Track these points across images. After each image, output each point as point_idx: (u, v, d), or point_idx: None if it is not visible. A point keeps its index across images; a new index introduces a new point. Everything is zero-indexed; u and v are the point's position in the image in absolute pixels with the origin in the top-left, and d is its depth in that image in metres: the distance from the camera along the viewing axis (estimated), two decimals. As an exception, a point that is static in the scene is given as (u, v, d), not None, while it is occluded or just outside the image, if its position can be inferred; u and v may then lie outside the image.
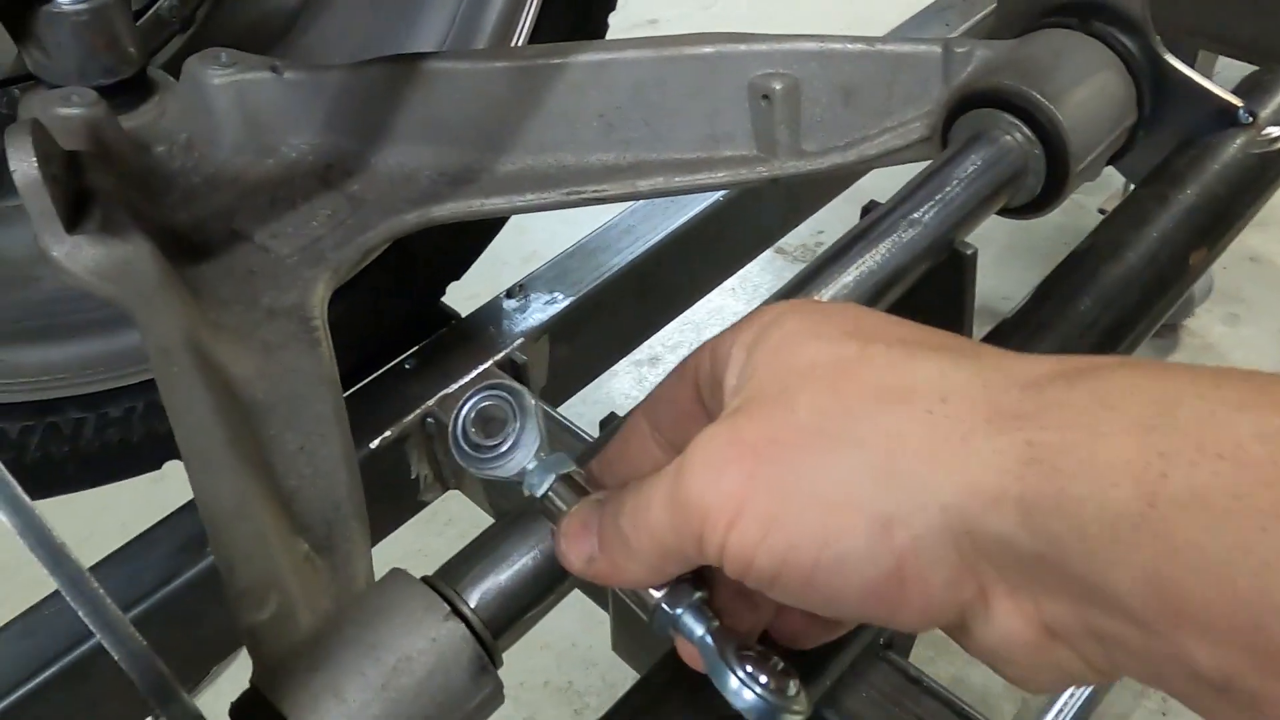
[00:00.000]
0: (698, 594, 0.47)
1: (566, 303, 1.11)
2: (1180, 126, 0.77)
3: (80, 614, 0.38)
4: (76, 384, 0.88)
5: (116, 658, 0.38)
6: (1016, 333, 0.69)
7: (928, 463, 0.37)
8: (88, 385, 0.89)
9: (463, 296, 1.13)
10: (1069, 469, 0.34)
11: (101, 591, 0.38)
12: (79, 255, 0.71)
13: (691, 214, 1.19)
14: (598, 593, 0.87)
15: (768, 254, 2.21)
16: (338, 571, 0.60)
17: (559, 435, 0.96)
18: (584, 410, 1.63)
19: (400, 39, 1.02)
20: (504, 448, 0.50)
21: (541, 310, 1.10)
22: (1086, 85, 0.74)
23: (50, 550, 0.37)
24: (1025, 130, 0.73)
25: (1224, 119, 0.77)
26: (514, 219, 0.96)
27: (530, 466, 0.49)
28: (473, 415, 0.50)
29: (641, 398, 0.53)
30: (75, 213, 0.72)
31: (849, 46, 0.79)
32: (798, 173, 0.82)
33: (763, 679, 0.45)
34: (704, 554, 0.42)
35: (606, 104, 0.83)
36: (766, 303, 0.54)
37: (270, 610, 0.54)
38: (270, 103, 0.88)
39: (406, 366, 1.05)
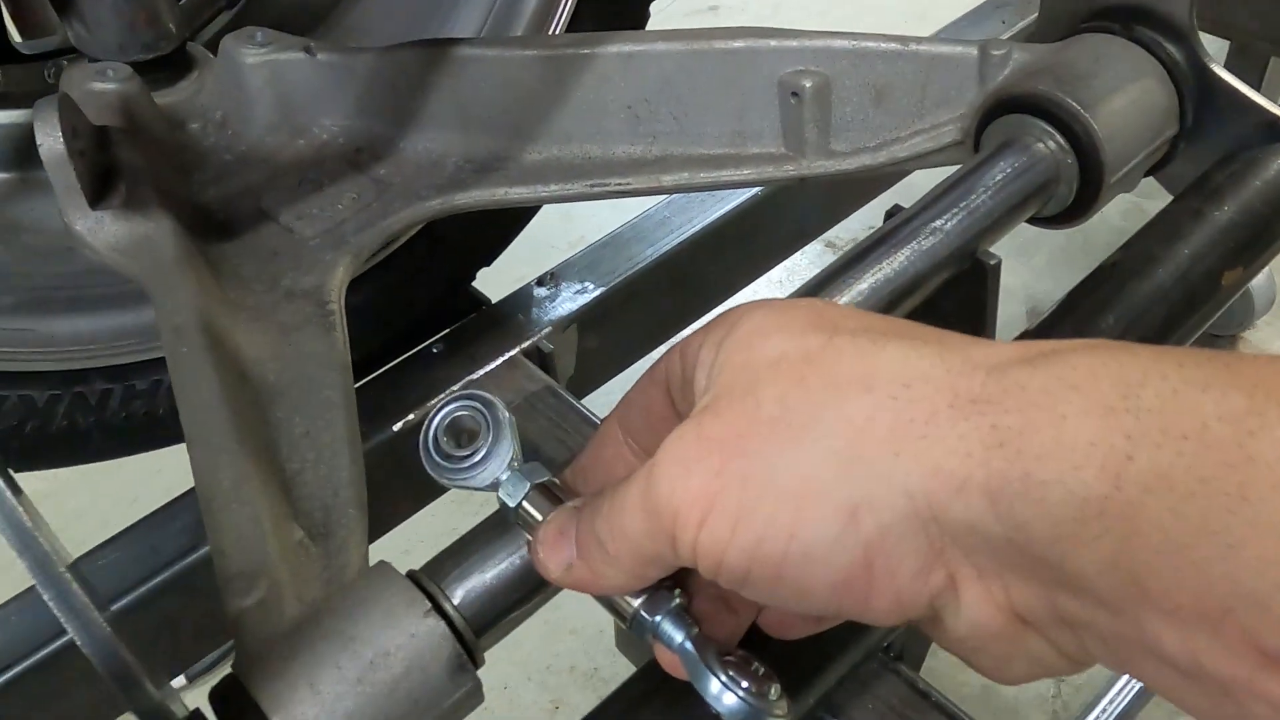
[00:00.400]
0: (676, 601, 0.47)
1: (597, 293, 1.10)
2: (1224, 139, 0.74)
3: (45, 599, 0.38)
4: (105, 355, 0.90)
5: (79, 643, 0.39)
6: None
7: (892, 449, 0.37)
8: (116, 357, 0.90)
9: (510, 280, 1.12)
10: (1034, 452, 0.34)
11: (68, 576, 0.39)
12: (101, 230, 0.72)
13: (729, 207, 1.18)
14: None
15: (816, 247, 2.19)
16: (331, 559, 0.60)
17: (579, 426, 0.95)
18: (611, 402, 1.62)
19: (439, 25, 1.02)
20: (476, 459, 0.49)
21: (571, 299, 1.10)
22: (1125, 93, 0.71)
23: (17, 531, 0.38)
24: (1058, 138, 0.71)
25: (1271, 133, 0.73)
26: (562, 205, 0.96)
27: (504, 477, 0.49)
28: (444, 425, 0.50)
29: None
30: (100, 187, 0.73)
31: (882, 45, 0.77)
32: (825, 173, 0.80)
33: (744, 683, 0.44)
34: (679, 555, 0.41)
35: (634, 96, 0.82)
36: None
37: (257, 596, 0.54)
38: (303, 83, 0.88)
39: (434, 350, 1.05)
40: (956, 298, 0.69)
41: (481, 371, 1.02)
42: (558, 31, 0.98)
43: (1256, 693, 0.32)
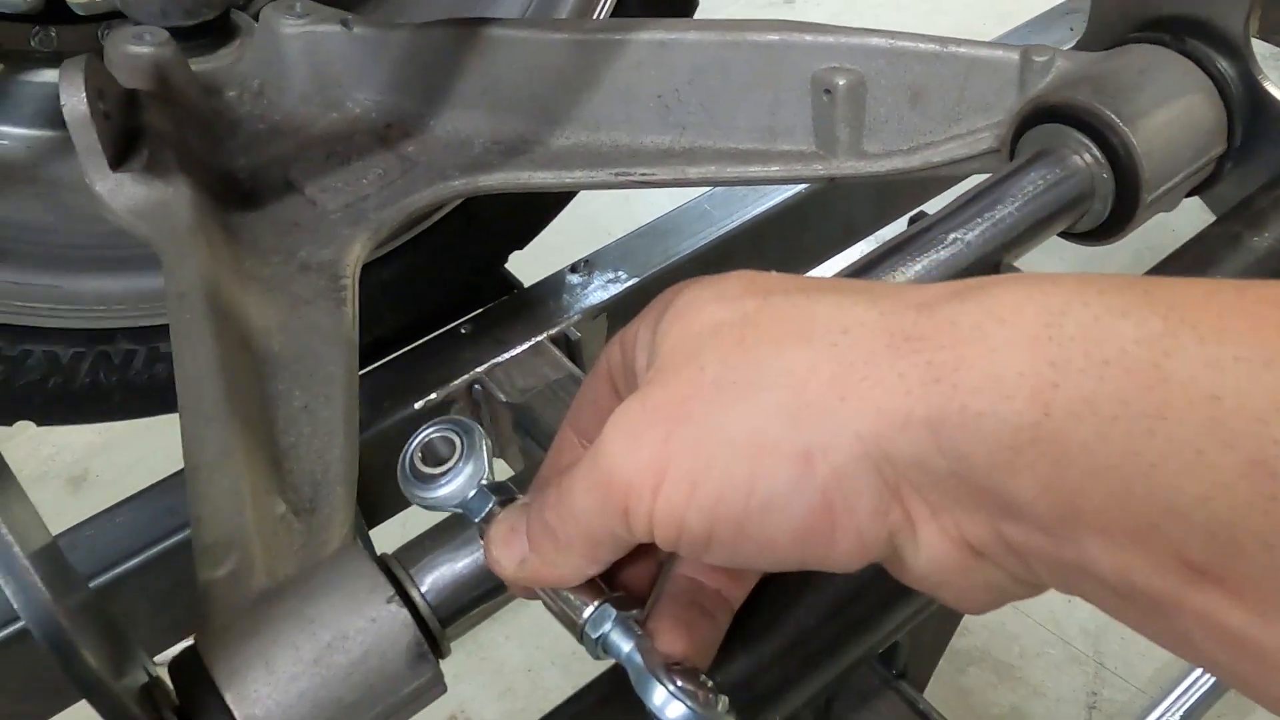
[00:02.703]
0: (624, 611, 0.46)
1: (630, 283, 1.09)
2: (1274, 161, 0.70)
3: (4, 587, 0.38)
4: (131, 316, 0.91)
5: (15, 606, 0.38)
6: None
7: (837, 394, 0.37)
8: (142, 319, 0.91)
9: (563, 261, 1.12)
10: (968, 385, 0.35)
11: (9, 538, 0.38)
12: (120, 193, 0.72)
13: (771, 203, 1.15)
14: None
15: (865, 247, 2.15)
16: (312, 535, 0.60)
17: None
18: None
19: (484, 7, 1.01)
20: (445, 479, 0.49)
21: (603, 288, 1.09)
22: (1170, 108, 0.68)
23: None
24: (1095, 151, 0.67)
25: (1327, 157, 0.70)
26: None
27: (470, 495, 0.49)
28: (421, 447, 0.51)
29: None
30: (123, 150, 0.74)
31: (920, 46, 0.74)
32: (856, 174, 0.78)
33: (692, 693, 0.43)
34: (632, 529, 0.41)
35: (665, 85, 0.80)
36: None
37: (228, 569, 0.54)
38: (338, 56, 0.88)
39: (462, 331, 1.05)
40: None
41: (507, 355, 1.02)
42: (602, 16, 0.97)
43: (1184, 605, 0.33)
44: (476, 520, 0.49)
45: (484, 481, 0.49)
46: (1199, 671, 1.65)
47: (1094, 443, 0.32)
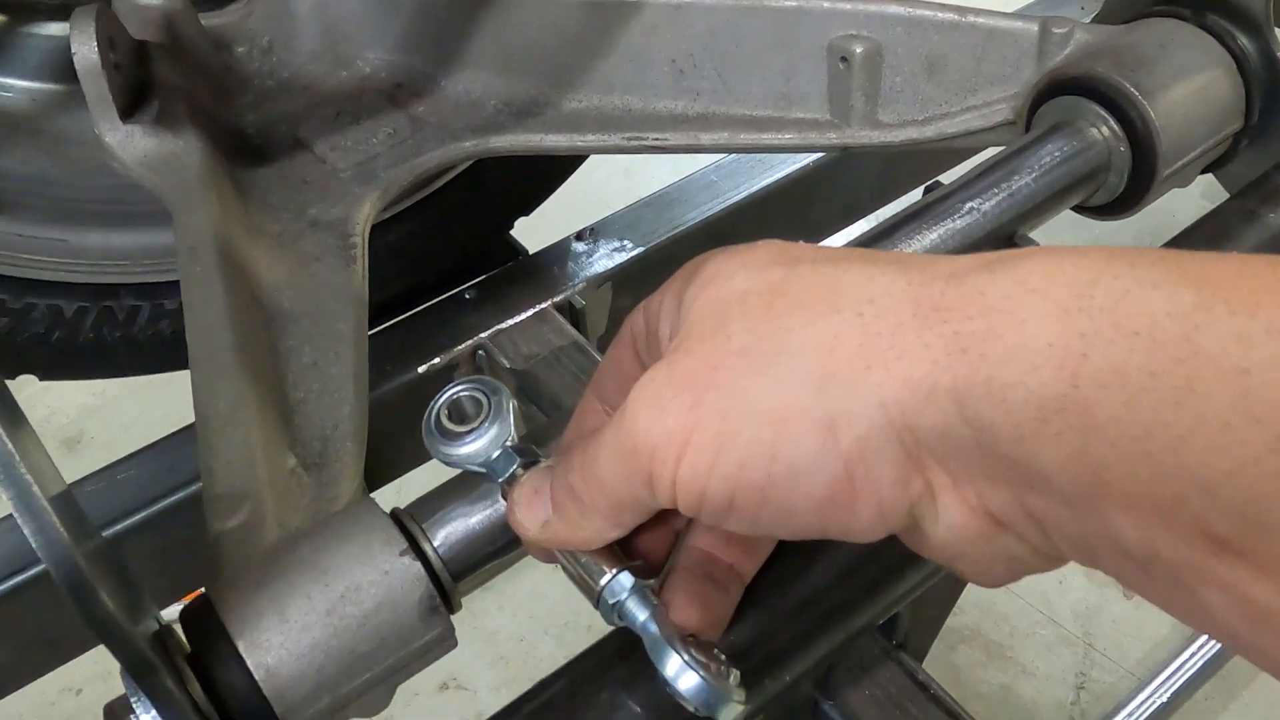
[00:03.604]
0: (642, 580, 0.46)
1: (635, 252, 1.09)
2: (1291, 139, 0.70)
3: (23, 528, 0.38)
4: (136, 272, 0.90)
5: (33, 544, 0.38)
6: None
7: (863, 364, 0.37)
8: (147, 275, 0.91)
9: (560, 235, 1.11)
10: (995, 355, 0.35)
11: (27, 477, 0.38)
12: (130, 144, 0.72)
13: (778, 175, 1.15)
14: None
15: (868, 224, 2.15)
16: (322, 490, 0.59)
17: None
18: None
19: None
20: (470, 437, 0.49)
21: (608, 257, 1.08)
22: (1188, 83, 0.68)
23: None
24: (1113, 124, 0.67)
25: (1344, 136, 0.69)
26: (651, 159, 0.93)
27: (495, 455, 0.49)
28: (448, 405, 0.50)
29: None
30: (133, 101, 0.73)
31: (939, 15, 0.74)
32: (869, 144, 0.78)
33: (706, 664, 0.43)
34: (656, 495, 0.41)
35: (680, 50, 0.80)
36: None
37: (239, 519, 0.54)
38: (350, 13, 0.87)
39: (466, 296, 1.04)
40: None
41: (511, 322, 1.01)
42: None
43: (1206, 578, 0.33)
44: (499, 480, 0.49)
45: (509, 443, 0.49)
46: (1187, 654, 1.67)
47: (1121, 414, 0.32)
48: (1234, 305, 0.32)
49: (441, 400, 0.51)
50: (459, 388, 0.52)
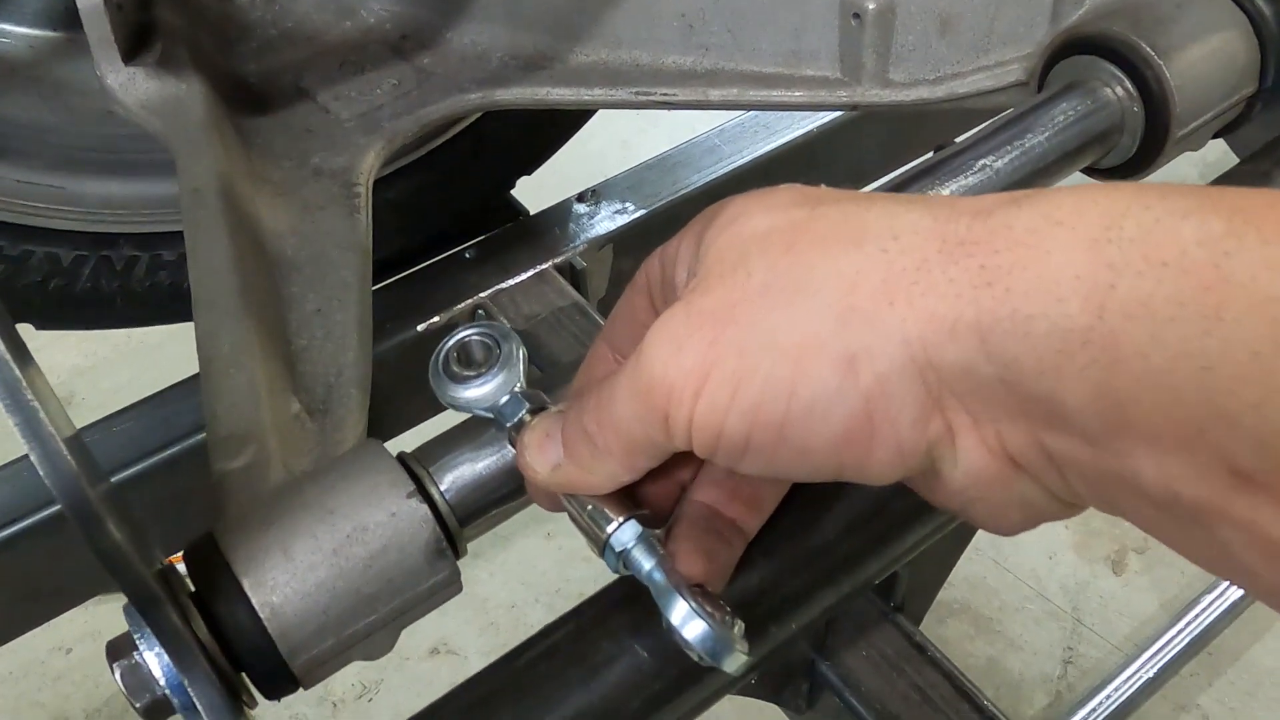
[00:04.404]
0: (648, 529, 0.46)
1: (637, 214, 1.08)
2: (1304, 104, 0.70)
3: (38, 467, 0.37)
4: (134, 222, 0.89)
5: (41, 472, 0.38)
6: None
7: (885, 299, 0.37)
8: (145, 225, 0.90)
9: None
10: (1021, 288, 0.34)
11: (34, 404, 0.38)
12: (133, 87, 0.71)
13: (782, 140, 1.14)
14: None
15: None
16: (326, 435, 0.59)
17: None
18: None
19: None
20: (478, 380, 0.49)
21: (610, 219, 1.08)
22: (1204, 44, 0.67)
23: (13, 395, 0.37)
24: (1127, 84, 0.67)
25: (1357, 102, 0.69)
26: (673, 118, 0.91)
27: (502, 400, 0.48)
28: (456, 348, 0.50)
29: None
30: (136, 44, 0.72)
31: (953, -28, 0.73)
32: (880, 103, 0.77)
33: (710, 612, 0.43)
34: (671, 436, 0.41)
35: (690, 4, 0.79)
36: None
37: (244, 461, 0.53)
38: (355, -37, 0.86)
39: (467, 255, 1.04)
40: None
41: (512, 282, 1.01)
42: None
43: (1225, 515, 0.32)
44: (508, 425, 0.48)
45: (517, 388, 0.49)
46: (1173, 631, 1.68)
47: (1148, 346, 0.32)
48: (1265, 234, 0.31)
49: (450, 343, 0.51)
50: (468, 331, 0.51)
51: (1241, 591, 1.70)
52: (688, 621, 0.43)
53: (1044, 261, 0.34)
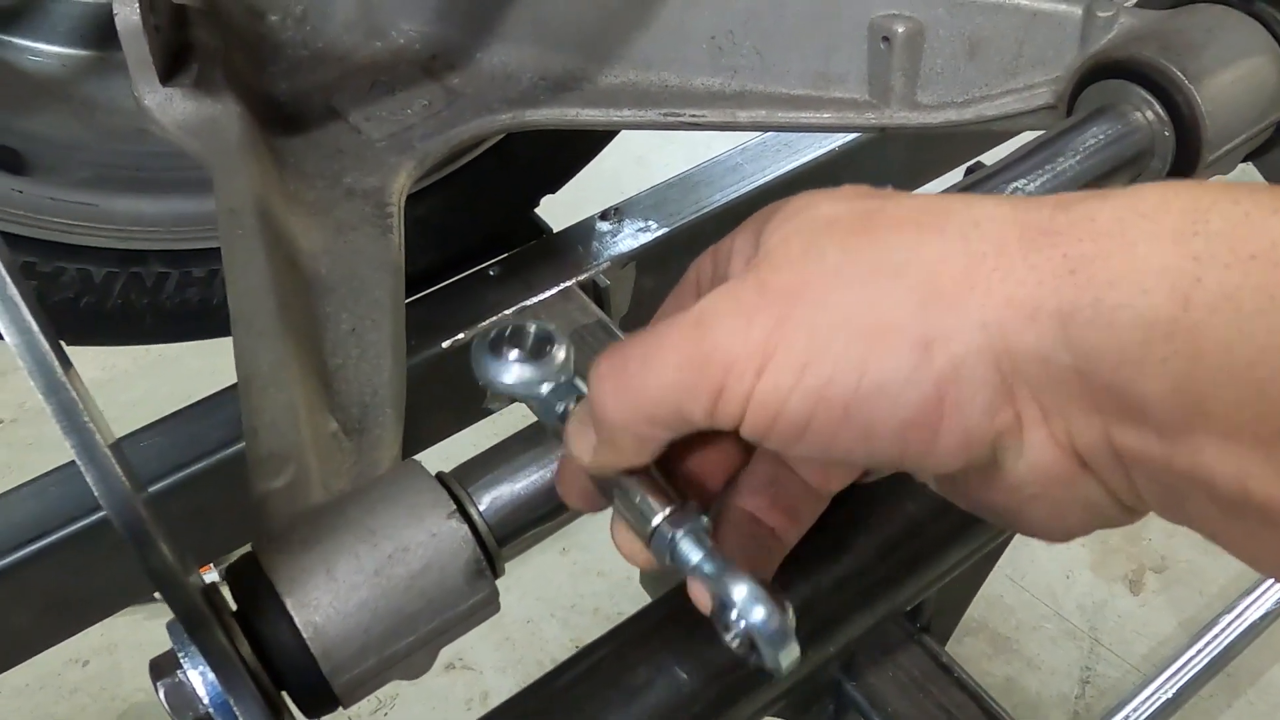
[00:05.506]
0: (700, 519, 0.45)
1: (659, 232, 1.08)
2: (1334, 128, 0.70)
3: (85, 475, 0.38)
4: (165, 239, 0.90)
5: (96, 492, 0.38)
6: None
7: (967, 284, 0.36)
8: (175, 242, 0.90)
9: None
10: (1105, 278, 0.34)
11: (91, 425, 0.38)
12: (170, 107, 0.71)
13: (804, 159, 1.15)
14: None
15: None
16: (363, 455, 0.59)
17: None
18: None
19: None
20: (524, 363, 0.48)
21: (633, 237, 1.08)
22: (1235, 69, 0.67)
23: (63, 405, 0.37)
24: (1158, 108, 0.67)
25: (1386, 127, 0.69)
26: (689, 135, 0.91)
27: (545, 391, 0.48)
28: (505, 332, 0.49)
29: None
30: (173, 65, 0.73)
31: (982, -4, 0.74)
32: (907, 125, 0.77)
33: (767, 596, 0.41)
34: (718, 411, 0.39)
35: (719, 26, 0.79)
36: None
37: (285, 480, 0.53)
38: (385, -16, 0.87)
39: (490, 273, 1.04)
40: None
41: (536, 299, 1.01)
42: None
43: None
44: (556, 412, 0.47)
45: (563, 378, 0.48)
46: (1192, 651, 1.67)
47: (1233, 339, 0.32)
48: None
49: (496, 329, 0.49)
50: (514, 322, 0.50)
51: (1261, 612, 1.70)
52: (754, 603, 0.40)
53: (1128, 253, 0.34)
